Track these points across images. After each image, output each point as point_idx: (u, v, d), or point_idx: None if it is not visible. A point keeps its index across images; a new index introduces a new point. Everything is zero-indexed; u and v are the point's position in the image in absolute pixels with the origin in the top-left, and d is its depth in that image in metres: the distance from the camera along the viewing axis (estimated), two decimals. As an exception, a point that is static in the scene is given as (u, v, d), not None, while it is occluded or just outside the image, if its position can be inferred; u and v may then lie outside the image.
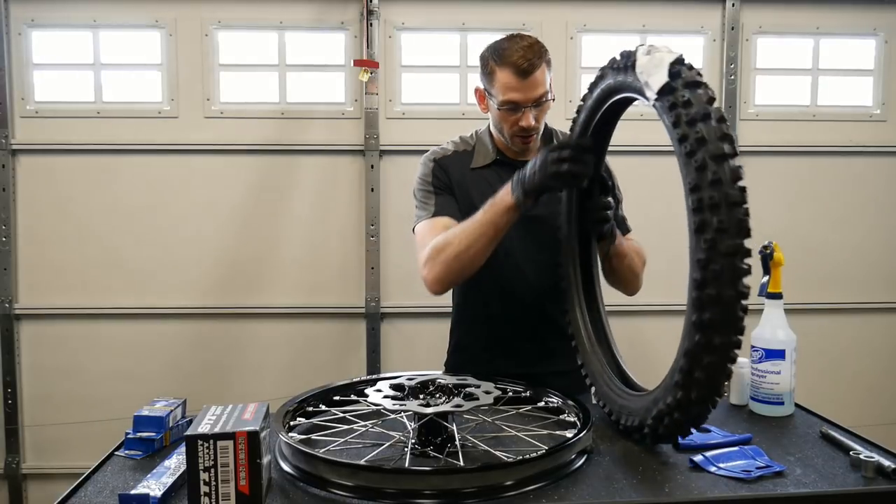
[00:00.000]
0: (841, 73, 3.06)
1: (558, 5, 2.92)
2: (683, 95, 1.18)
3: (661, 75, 1.22)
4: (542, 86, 1.69)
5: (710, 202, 1.13)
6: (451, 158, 1.85)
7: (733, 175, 1.13)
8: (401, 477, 1.13)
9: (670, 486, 1.17)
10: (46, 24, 2.87)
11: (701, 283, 1.14)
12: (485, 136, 1.88)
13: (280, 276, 2.94)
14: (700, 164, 1.14)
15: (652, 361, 2.97)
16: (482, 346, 1.86)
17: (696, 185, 1.15)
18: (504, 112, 1.71)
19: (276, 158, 2.92)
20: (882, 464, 1.20)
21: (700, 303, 1.15)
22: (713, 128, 1.15)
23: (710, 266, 1.13)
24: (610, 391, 1.47)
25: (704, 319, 1.14)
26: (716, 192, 1.12)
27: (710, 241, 1.13)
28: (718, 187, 1.12)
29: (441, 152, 1.87)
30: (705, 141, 1.14)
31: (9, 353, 2.90)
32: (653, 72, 1.24)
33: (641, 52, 1.29)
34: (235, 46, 2.92)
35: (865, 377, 3.11)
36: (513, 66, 1.66)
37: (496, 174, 1.79)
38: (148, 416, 1.39)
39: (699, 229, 1.14)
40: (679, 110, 1.18)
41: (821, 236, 3.04)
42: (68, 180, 2.89)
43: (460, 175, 1.82)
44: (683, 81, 1.20)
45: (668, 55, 1.24)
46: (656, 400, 1.26)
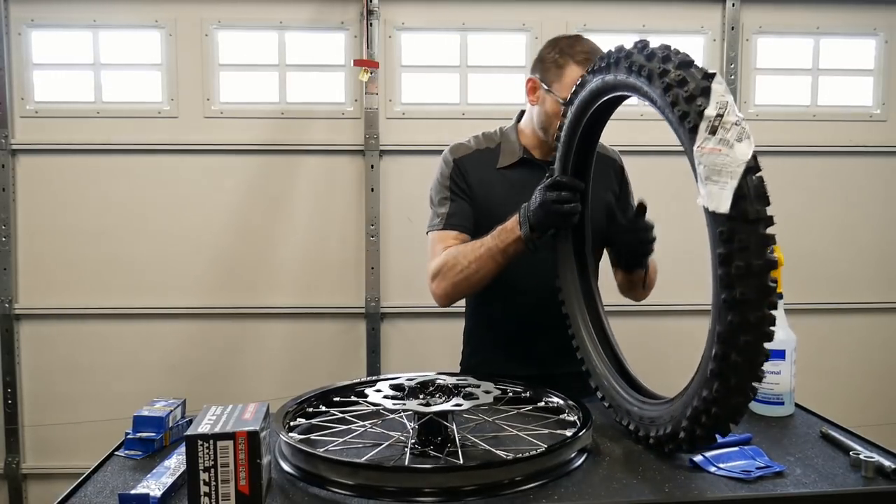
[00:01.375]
0: (841, 72, 3.07)
1: (558, 5, 2.92)
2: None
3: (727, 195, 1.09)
4: None
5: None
6: (473, 157, 1.82)
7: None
8: (401, 475, 1.13)
9: (670, 486, 1.17)
10: (46, 23, 2.87)
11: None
12: (511, 134, 1.85)
13: (280, 276, 2.94)
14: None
15: (661, 362, 2.98)
16: (497, 349, 1.86)
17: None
18: (560, 107, 1.68)
19: (276, 158, 2.92)
20: (882, 464, 1.20)
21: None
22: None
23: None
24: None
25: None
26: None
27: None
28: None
29: (463, 150, 1.84)
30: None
31: (9, 353, 2.90)
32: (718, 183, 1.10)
33: (714, 93, 1.11)
34: (235, 46, 2.92)
35: (865, 377, 3.11)
36: (586, 64, 1.65)
37: (522, 174, 1.78)
38: (148, 416, 1.39)
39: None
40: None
41: (821, 236, 3.04)
42: (68, 180, 2.89)
43: (482, 175, 1.80)
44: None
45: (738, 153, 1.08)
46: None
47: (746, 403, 1.17)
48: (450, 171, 1.81)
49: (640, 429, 1.34)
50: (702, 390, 1.16)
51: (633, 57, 1.26)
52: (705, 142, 1.09)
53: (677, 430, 1.22)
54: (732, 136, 1.08)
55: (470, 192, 1.80)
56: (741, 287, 1.09)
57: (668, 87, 1.15)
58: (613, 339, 1.59)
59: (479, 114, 2.93)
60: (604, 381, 1.51)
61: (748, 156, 1.07)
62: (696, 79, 1.13)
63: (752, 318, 1.09)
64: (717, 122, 1.09)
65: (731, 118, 1.08)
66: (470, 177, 1.80)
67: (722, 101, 1.09)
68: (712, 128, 1.09)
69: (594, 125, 1.54)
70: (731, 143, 1.08)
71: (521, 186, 1.66)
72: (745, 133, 1.08)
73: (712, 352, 1.14)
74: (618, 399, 1.45)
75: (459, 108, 2.96)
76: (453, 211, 1.77)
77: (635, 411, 1.37)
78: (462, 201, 1.79)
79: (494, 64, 2.97)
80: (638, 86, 1.25)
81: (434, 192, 1.84)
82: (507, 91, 2.96)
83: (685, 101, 1.13)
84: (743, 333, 1.10)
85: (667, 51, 1.20)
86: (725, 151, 1.08)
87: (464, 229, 1.77)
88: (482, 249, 1.64)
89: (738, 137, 1.08)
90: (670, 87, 1.15)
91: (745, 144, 1.07)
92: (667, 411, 1.27)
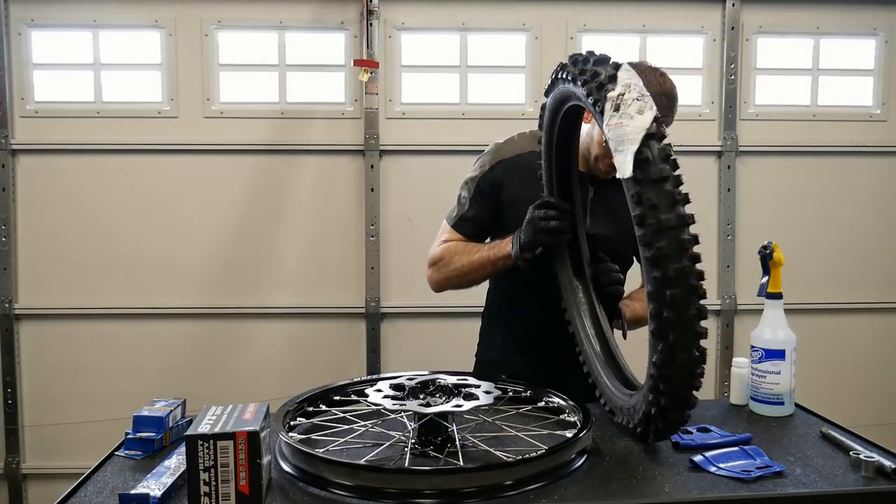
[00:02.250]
0: (841, 73, 3.07)
1: (558, 5, 2.92)
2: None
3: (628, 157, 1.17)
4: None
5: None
6: (514, 162, 1.76)
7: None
8: (401, 477, 1.13)
9: (670, 486, 1.17)
10: (46, 24, 2.87)
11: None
12: None
13: (280, 276, 2.94)
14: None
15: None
16: (511, 350, 1.86)
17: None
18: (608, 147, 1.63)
19: (276, 158, 2.92)
20: (882, 464, 1.20)
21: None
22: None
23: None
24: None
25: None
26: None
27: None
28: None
29: (508, 152, 1.78)
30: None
31: (9, 353, 2.90)
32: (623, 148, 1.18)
33: (620, 79, 1.22)
34: (235, 46, 2.93)
35: (865, 377, 3.11)
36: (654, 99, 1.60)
37: None
38: (148, 416, 1.39)
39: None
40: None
41: (821, 236, 3.04)
42: (68, 180, 2.89)
43: (520, 184, 1.73)
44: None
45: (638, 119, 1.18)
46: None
47: (694, 363, 1.17)
48: (484, 174, 1.77)
49: (627, 420, 1.36)
50: (653, 356, 1.19)
51: (567, 67, 1.34)
52: (611, 118, 1.20)
53: (648, 409, 1.25)
54: (633, 109, 1.19)
55: (497, 203, 1.76)
56: (657, 243, 1.14)
57: (585, 82, 1.26)
58: (620, 357, 1.58)
59: (479, 114, 2.93)
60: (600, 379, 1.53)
61: (647, 124, 1.16)
62: (606, 71, 1.24)
63: (671, 272, 1.14)
64: (619, 100, 1.20)
65: (632, 95, 1.19)
66: (504, 184, 1.75)
67: (626, 83, 1.21)
68: (616, 106, 1.20)
69: (565, 139, 1.55)
70: (633, 116, 1.18)
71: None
72: (647, 105, 1.18)
73: (649, 313, 1.18)
74: (608, 394, 1.48)
75: (459, 108, 2.96)
76: (470, 216, 1.78)
77: (620, 403, 1.40)
78: (482, 210, 1.77)
79: (494, 64, 2.97)
80: (571, 91, 1.34)
81: (465, 184, 1.80)
82: (507, 91, 2.96)
83: (597, 89, 1.23)
84: (669, 287, 1.14)
85: (590, 55, 1.29)
86: (626, 123, 1.18)
87: (470, 237, 1.79)
88: (475, 256, 1.71)
89: (640, 110, 1.18)
90: (587, 82, 1.25)
91: (647, 115, 1.17)
92: (639, 396, 1.31)
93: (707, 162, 3.01)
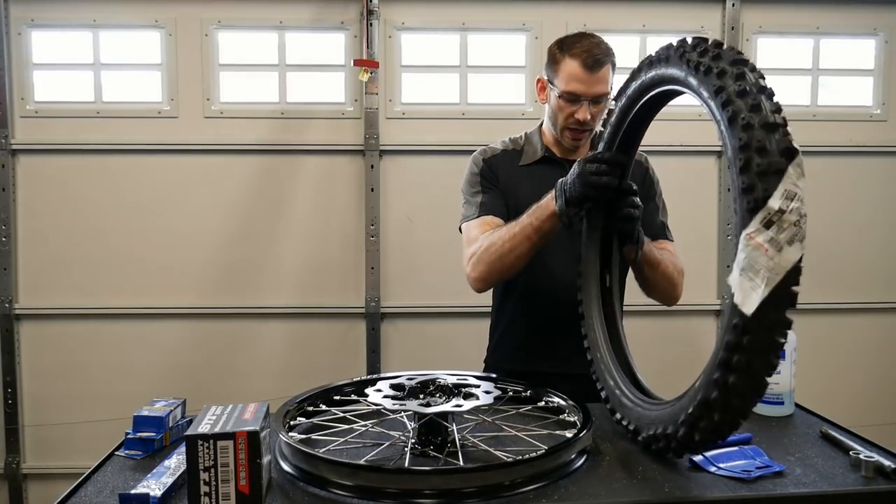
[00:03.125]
0: (841, 73, 3.07)
1: (558, 5, 2.92)
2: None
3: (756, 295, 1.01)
4: (605, 84, 1.73)
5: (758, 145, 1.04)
6: (500, 158, 1.88)
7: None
8: (401, 477, 1.13)
9: (670, 486, 1.17)
10: (46, 24, 2.87)
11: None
12: (534, 136, 1.91)
13: (280, 275, 2.94)
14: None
15: (663, 362, 2.98)
16: (520, 344, 1.88)
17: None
18: (563, 102, 1.75)
19: (276, 158, 2.92)
20: (882, 464, 1.20)
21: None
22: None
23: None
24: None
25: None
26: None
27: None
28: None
29: (490, 151, 1.90)
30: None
31: (9, 353, 2.90)
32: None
33: (787, 178, 1.00)
34: (235, 46, 2.92)
35: (865, 377, 3.11)
36: (580, 57, 1.70)
37: (544, 171, 1.81)
38: (148, 416, 1.39)
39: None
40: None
41: (821, 236, 3.04)
42: (68, 180, 2.89)
43: (508, 174, 1.85)
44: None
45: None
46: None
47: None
48: (479, 169, 1.87)
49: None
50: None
51: (727, 84, 1.14)
52: (756, 233, 1.01)
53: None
54: (785, 237, 1.00)
55: (499, 186, 1.84)
56: (736, 381, 1.07)
57: (744, 146, 1.05)
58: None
59: (479, 114, 2.93)
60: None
61: (793, 263, 1.01)
62: (773, 151, 1.03)
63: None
64: (776, 217, 1.00)
65: (791, 217, 1.00)
66: (499, 173, 1.85)
67: (791, 191, 1.00)
68: (768, 221, 1.01)
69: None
70: (781, 246, 1.00)
71: (543, 183, 1.67)
72: (800, 234, 1.00)
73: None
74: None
75: (459, 108, 2.96)
76: (487, 200, 1.81)
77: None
78: (493, 193, 1.83)
79: (494, 64, 2.97)
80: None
81: (465, 189, 1.88)
82: (507, 91, 2.96)
83: (757, 175, 1.03)
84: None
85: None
86: (771, 254, 1.01)
87: (500, 215, 1.79)
88: (517, 228, 1.64)
89: (790, 240, 1.00)
90: (747, 146, 1.04)
91: (795, 248, 1.00)
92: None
93: (707, 162, 3.01)
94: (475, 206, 1.82)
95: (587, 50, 1.70)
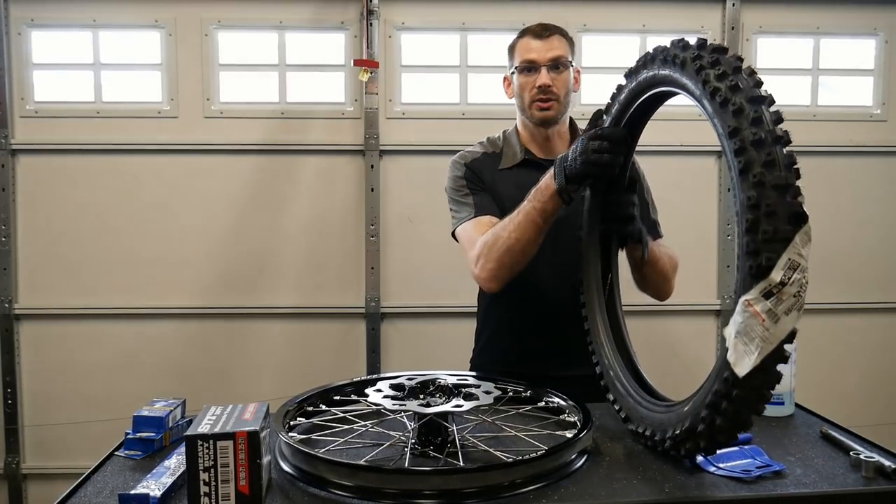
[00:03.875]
0: (841, 73, 3.07)
1: (558, 5, 2.91)
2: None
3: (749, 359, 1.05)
4: (559, 49, 1.79)
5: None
6: (481, 161, 1.87)
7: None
8: (401, 477, 1.13)
9: (670, 486, 1.17)
10: (46, 23, 2.87)
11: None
12: (512, 137, 1.89)
13: (280, 276, 2.94)
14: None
15: (667, 362, 2.98)
16: (506, 349, 1.87)
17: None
18: (523, 77, 1.79)
19: (276, 158, 2.92)
20: (882, 464, 1.20)
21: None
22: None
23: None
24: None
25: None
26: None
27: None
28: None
29: (470, 155, 1.89)
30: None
31: (9, 353, 2.90)
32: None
33: (792, 247, 1.00)
34: (235, 46, 2.92)
35: (865, 377, 3.11)
36: (530, 31, 1.83)
37: (524, 174, 1.79)
38: (148, 416, 1.39)
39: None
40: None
41: (821, 236, 2.99)
42: (68, 180, 2.89)
43: (490, 177, 1.85)
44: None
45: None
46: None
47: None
48: (462, 173, 1.86)
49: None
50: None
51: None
52: (755, 301, 1.03)
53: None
54: (783, 308, 1.01)
55: (485, 187, 1.84)
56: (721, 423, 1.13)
57: (753, 206, 1.04)
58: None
59: (479, 114, 2.93)
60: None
61: (787, 332, 1.03)
62: (781, 216, 1.02)
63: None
64: (776, 289, 1.01)
65: (792, 289, 1.01)
66: (483, 175, 1.85)
67: (794, 261, 1.01)
68: (768, 291, 1.02)
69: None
70: (778, 317, 1.01)
71: (524, 186, 1.66)
72: (799, 304, 1.02)
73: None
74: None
75: (459, 108, 2.96)
76: (478, 202, 1.80)
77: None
78: (482, 194, 1.82)
79: (494, 64, 2.97)
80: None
81: (451, 193, 1.86)
82: (508, 91, 2.96)
83: (763, 241, 1.03)
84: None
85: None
86: (767, 324, 1.02)
87: (494, 214, 1.77)
88: (519, 217, 1.59)
89: (788, 310, 1.01)
90: (756, 207, 1.04)
91: (792, 318, 1.02)
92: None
93: (707, 162, 3.01)
94: (468, 208, 1.79)
95: (535, 25, 1.84)
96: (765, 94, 1.12)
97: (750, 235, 1.04)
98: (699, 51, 1.21)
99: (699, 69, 1.18)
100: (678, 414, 1.23)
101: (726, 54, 1.18)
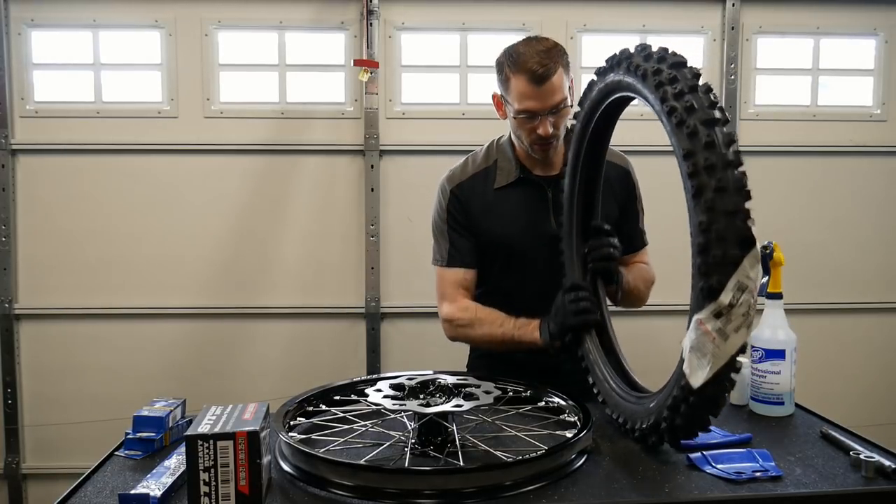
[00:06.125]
0: (841, 72, 3.07)
1: (558, 5, 2.91)
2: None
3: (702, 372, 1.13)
4: (559, 92, 1.66)
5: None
6: (471, 182, 1.82)
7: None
8: (401, 477, 1.13)
9: (670, 486, 1.17)
10: (46, 24, 2.87)
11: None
12: (506, 148, 1.84)
13: (280, 276, 2.94)
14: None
15: (657, 361, 2.96)
16: (497, 354, 1.87)
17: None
18: (521, 120, 1.69)
19: (276, 158, 2.92)
20: (882, 464, 1.20)
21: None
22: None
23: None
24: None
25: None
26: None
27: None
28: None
29: (460, 176, 1.83)
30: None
31: (9, 353, 2.90)
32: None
33: (741, 271, 1.07)
34: (235, 46, 2.92)
35: (865, 377, 3.11)
36: (528, 73, 1.64)
37: (520, 194, 1.78)
38: (148, 416, 1.39)
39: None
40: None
41: (821, 236, 3.04)
42: (68, 180, 2.89)
43: (482, 200, 1.80)
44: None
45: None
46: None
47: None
48: (447, 202, 1.82)
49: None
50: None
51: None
52: (706, 320, 1.10)
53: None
54: (732, 327, 1.09)
55: (469, 223, 1.80)
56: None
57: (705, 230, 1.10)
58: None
59: (479, 114, 2.92)
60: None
61: (737, 348, 1.10)
62: (731, 241, 1.08)
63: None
64: (726, 310, 1.08)
65: (741, 309, 1.07)
66: (470, 206, 1.80)
67: (743, 283, 1.07)
68: (718, 312, 1.09)
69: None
70: (727, 335, 1.09)
71: (520, 206, 1.67)
72: (747, 321, 1.09)
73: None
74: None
75: (459, 108, 2.96)
76: (454, 248, 1.80)
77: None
78: (461, 237, 1.80)
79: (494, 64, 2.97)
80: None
81: (434, 224, 1.86)
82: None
83: (713, 264, 1.09)
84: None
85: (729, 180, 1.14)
86: (718, 342, 1.09)
87: (466, 265, 1.80)
88: (500, 331, 1.71)
89: (737, 328, 1.09)
90: (707, 230, 1.09)
91: (741, 335, 1.09)
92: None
93: (707, 162, 3.01)
94: (443, 249, 1.81)
95: (533, 62, 1.63)
96: (719, 115, 1.15)
97: (702, 258, 1.10)
98: (659, 64, 1.24)
99: (658, 84, 1.22)
100: (645, 409, 1.31)
101: (685, 68, 1.21)
